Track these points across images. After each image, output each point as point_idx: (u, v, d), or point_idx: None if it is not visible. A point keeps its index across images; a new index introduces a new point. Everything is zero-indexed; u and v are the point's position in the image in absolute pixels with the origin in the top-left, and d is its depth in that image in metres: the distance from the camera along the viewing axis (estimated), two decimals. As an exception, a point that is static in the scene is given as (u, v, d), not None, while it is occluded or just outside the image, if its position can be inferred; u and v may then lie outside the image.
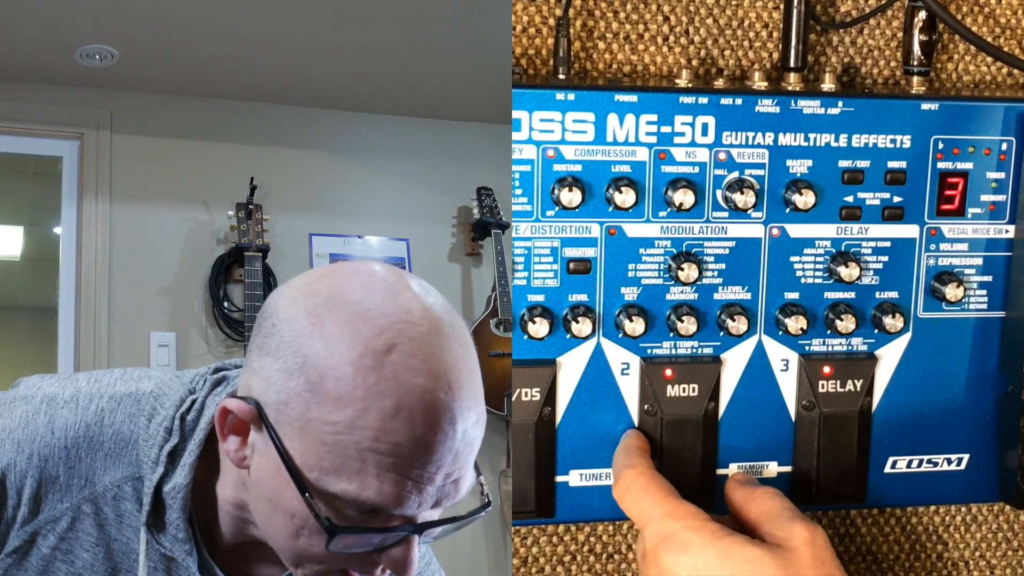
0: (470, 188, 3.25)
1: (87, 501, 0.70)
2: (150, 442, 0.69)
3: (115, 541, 0.70)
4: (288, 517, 0.62)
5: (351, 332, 0.60)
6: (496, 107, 3.10)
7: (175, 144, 3.16)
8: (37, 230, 3.64)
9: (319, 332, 0.60)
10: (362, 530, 0.60)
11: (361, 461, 0.59)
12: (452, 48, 2.74)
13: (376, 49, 2.77)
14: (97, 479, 0.69)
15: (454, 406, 0.61)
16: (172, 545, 0.69)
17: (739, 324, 0.96)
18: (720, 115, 0.94)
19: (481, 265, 3.32)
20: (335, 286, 0.62)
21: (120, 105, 3.09)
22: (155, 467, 0.68)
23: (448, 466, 0.61)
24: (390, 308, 0.61)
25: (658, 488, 0.82)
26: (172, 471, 0.69)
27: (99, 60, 2.84)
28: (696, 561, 0.75)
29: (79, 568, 0.71)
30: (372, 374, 0.59)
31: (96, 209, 3.05)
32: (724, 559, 0.75)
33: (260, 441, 0.63)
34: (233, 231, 3.11)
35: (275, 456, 0.61)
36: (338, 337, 0.60)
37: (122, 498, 0.70)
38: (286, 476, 0.61)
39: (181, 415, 0.70)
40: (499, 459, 3.03)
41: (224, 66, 2.92)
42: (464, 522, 0.66)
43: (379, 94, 3.13)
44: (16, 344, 3.62)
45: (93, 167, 3.07)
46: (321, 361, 0.60)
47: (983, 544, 1.17)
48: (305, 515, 0.61)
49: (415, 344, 0.60)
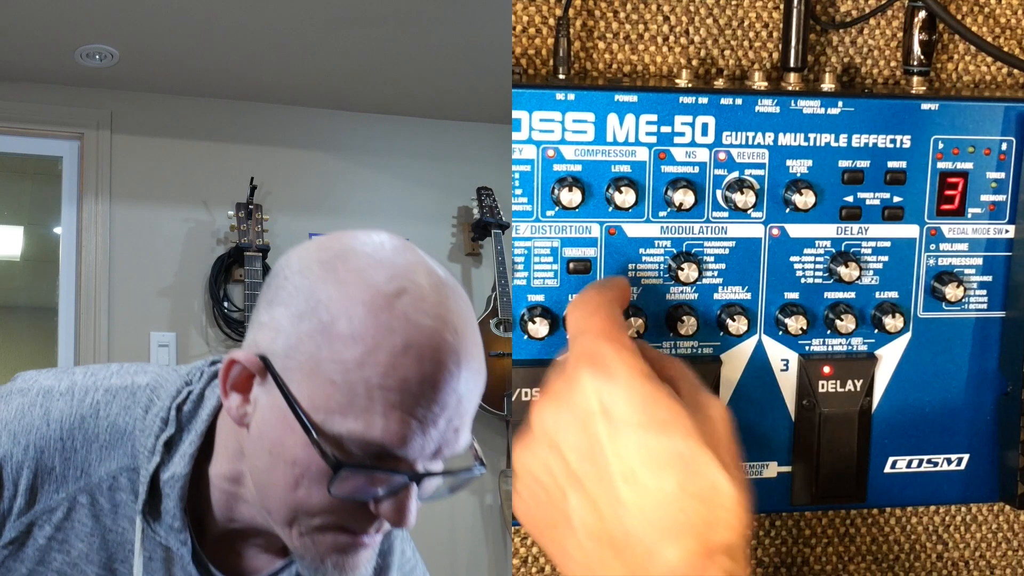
0: (470, 188, 3.25)
1: (83, 492, 0.71)
2: (146, 432, 0.70)
3: (110, 532, 0.71)
4: (289, 466, 0.63)
5: (363, 278, 0.63)
6: (496, 107, 3.10)
7: (175, 144, 3.16)
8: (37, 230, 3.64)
9: (332, 278, 0.63)
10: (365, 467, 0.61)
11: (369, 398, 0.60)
12: (452, 48, 2.74)
13: (376, 49, 2.77)
14: (93, 470, 0.71)
15: (460, 349, 0.63)
16: (168, 534, 0.70)
17: (739, 324, 0.96)
18: (720, 115, 0.94)
19: (481, 265, 3.32)
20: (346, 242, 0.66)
21: (120, 105, 3.09)
22: (151, 456, 0.69)
23: (451, 409, 0.63)
24: (399, 261, 0.65)
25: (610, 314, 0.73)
26: (169, 460, 0.70)
27: (99, 60, 2.84)
28: (616, 394, 0.67)
29: (75, 558, 0.71)
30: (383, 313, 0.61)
31: (96, 209, 3.05)
32: (647, 403, 0.67)
33: (263, 394, 0.65)
34: (233, 231, 3.11)
35: (279, 405, 0.62)
36: (350, 282, 0.63)
37: (118, 489, 0.71)
38: (290, 423, 0.62)
39: (178, 405, 0.71)
40: (499, 459, 3.03)
41: (224, 66, 2.92)
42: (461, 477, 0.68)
43: (379, 94, 3.13)
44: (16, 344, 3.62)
45: (93, 167, 3.07)
46: (334, 303, 0.62)
47: (983, 544, 1.17)
48: (306, 462, 0.62)
49: (423, 291, 0.64)
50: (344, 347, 0.61)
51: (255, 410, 0.66)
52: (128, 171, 3.11)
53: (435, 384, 0.62)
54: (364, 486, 0.63)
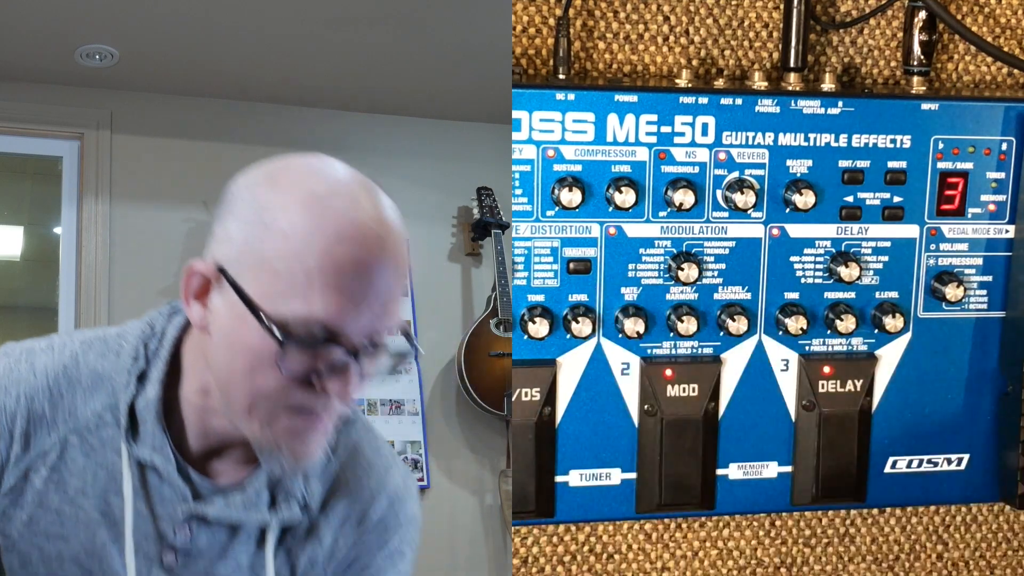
0: (470, 188, 3.25)
1: (72, 433, 0.78)
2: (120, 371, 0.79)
3: (101, 467, 0.78)
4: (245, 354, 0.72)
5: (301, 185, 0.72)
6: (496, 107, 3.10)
7: (175, 144, 3.15)
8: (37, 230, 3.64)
9: (273, 187, 0.73)
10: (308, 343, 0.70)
11: (308, 281, 0.69)
12: (452, 48, 2.73)
13: (376, 49, 2.77)
14: (79, 412, 0.79)
15: (387, 239, 0.71)
16: (152, 454, 0.77)
17: (739, 324, 0.97)
18: (720, 115, 0.94)
19: (481, 265, 3.32)
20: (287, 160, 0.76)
21: (120, 105, 3.09)
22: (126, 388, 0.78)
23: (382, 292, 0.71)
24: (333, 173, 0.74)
25: None
26: (142, 390, 0.78)
27: (99, 60, 2.84)
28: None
29: (72, 495, 0.78)
30: (318, 208, 0.70)
31: (96, 209, 3.05)
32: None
33: (220, 299, 0.73)
34: (233, 231, 3.10)
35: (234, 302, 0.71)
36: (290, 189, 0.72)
37: (103, 425, 0.78)
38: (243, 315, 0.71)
39: (144, 343, 0.80)
40: (499, 459, 3.03)
41: (224, 66, 2.92)
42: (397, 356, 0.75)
43: (379, 94, 3.13)
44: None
45: (93, 167, 3.06)
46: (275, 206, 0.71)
47: (983, 544, 1.17)
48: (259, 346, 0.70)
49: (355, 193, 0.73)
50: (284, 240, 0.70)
51: (214, 315, 0.74)
52: (128, 171, 3.10)
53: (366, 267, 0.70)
54: (309, 362, 0.71)
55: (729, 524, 1.12)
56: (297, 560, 0.81)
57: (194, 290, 0.74)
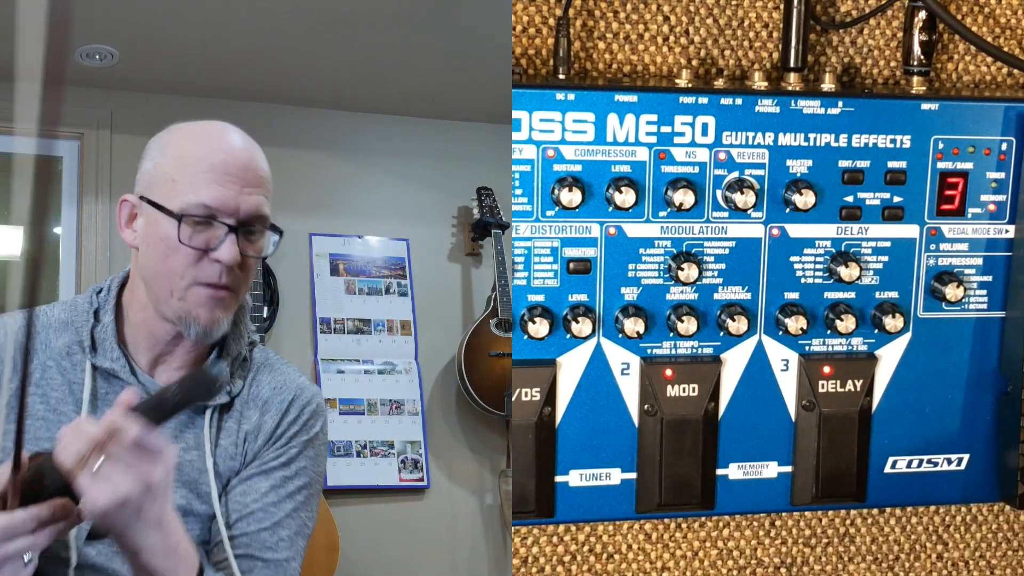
0: (470, 188, 3.25)
1: (49, 358, 1.00)
2: (80, 314, 1.02)
3: (74, 383, 0.99)
4: (158, 244, 0.96)
5: (189, 127, 1.01)
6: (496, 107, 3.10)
7: (175, 144, 3.15)
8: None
9: (169, 132, 1.01)
10: (198, 219, 0.94)
11: (194, 180, 0.95)
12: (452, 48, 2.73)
13: (376, 49, 2.77)
14: (52, 344, 1.00)
15: (253, 152, 0.99)
16: (111, 364, 0.99)
17: (739, 324, 0.97)
18: (720, 115, 0.95)
19: (481, 265, 3.32)
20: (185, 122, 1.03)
21: (120, 105, 3.09)
22: (86, 324, 1.01)
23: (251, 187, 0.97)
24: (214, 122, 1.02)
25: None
26: (98, 322, 1.01)
27: (99, 60, 2.84)
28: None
29: (54, 404, 0.98)
30: (202, 136, 0.99)
31: (96, 209, 3.05)
32: None
33: (142, 219, 0.99)
34: (233, 231, 3.10)
35: (151, 215, 0.97)
36: (181, 130, 1.01)
37: (73, 352, 1.00)
38: (156, 218, 0.96)
39: (95, 293, 1.04)
40: (499, 459, 3.03)
41: (224, 66, 2.92)
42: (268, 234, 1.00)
43: (379, 94, 3.13)
44: (16, 344, 3.61)
45: (93, 167, 3.06)
46: (171, 141, 1.00)
47: (983, 544, 1.17)
48: (167, 233, 0.95)
49: (228, 129, 1.01)
50: (178, 160, 0.98)
51: (139, 232, 0.99)
52: (128, 171, 3.09)
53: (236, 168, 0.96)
54: (204, 237, 0.95)
55: (729, 524, 1.12)
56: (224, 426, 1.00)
57: (125, 219, 1.02)
